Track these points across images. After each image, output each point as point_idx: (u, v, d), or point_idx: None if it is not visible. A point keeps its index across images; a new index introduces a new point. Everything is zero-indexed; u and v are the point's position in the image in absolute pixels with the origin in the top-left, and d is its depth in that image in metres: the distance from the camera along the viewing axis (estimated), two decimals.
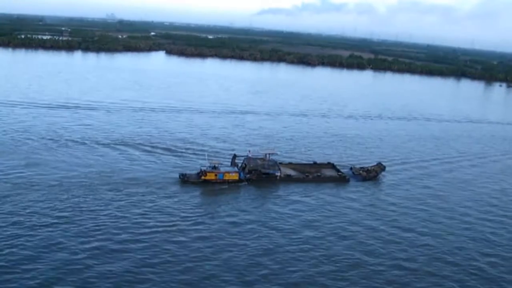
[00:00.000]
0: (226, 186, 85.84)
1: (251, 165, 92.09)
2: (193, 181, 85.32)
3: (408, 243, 68.83)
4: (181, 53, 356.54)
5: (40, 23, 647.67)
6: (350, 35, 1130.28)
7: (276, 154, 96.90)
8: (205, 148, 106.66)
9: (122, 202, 74.24)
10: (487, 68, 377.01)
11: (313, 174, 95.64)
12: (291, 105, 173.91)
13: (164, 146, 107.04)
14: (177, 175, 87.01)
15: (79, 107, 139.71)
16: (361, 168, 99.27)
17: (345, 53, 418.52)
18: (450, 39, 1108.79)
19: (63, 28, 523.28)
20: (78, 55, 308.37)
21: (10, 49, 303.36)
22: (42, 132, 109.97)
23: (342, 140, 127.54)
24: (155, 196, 78.04)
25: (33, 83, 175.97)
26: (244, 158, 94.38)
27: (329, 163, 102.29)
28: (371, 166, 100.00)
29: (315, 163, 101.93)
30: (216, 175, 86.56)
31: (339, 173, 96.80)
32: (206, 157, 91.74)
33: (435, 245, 68.74)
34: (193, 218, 71.05)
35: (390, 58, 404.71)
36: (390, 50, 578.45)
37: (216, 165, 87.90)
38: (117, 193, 77.55)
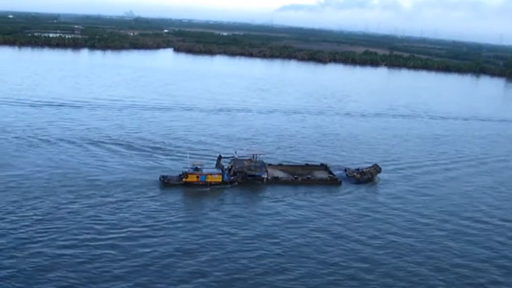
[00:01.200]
0: (208, 189, 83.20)
1: (236, 167, 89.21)
2: (174, 184, 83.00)
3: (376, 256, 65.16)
4: (189, 50, 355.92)
5: (55, 21, 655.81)
6: (373, 31, 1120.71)
7: (263, 155, 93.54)
8: (193, 148, 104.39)
9: (76, 205, 71.96)
10: (508, 65, 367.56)
11: (303, 176, 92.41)
12: (290, 103, 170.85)
13: (148, 145, 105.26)
14: (158, 177, 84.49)
15: (64, 105, 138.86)
16: (356, 170, 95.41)
17: (361, 50, 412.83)
18: (477, 35, 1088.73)
19: (76, 26, 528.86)
20: (83, 53, 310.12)
21: (16, 48, 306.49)
22: (19, 131, 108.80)
23: (340, 140, 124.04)
24: (129, 199, 75.33)
25: (26, 81, 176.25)
26: (231, 159, 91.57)
27: (322, 164, 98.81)
28: (367, 168, 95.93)
29: (307, 164, 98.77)
30: (198, 177, 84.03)
31: (330, 176, 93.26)
32: (188, 158, 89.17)
33: (419, 261, 64.09)
34: (162, 223, 68.42)
35: (406, 55, 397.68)
36: (411, 46, 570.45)
37: (198, 167, 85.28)
38: (76, 196, 75.22)
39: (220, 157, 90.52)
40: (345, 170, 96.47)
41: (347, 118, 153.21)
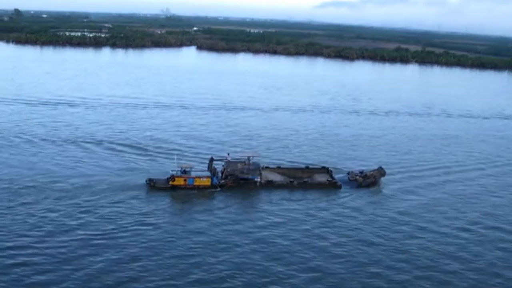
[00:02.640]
0: (195, 192, 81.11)
1: (228, 170, 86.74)
2: (161, 187, 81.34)
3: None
4: (212, 48, 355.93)
5: (85, 20, 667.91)
6: (415, 28, 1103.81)
7: (258, 157, 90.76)
8: (183, 149, 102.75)
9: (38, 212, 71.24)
10: None
11: (300, 180, 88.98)
12: (300, 101, 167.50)
13: (138, 145, 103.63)
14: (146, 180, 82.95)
15: (60, 103, 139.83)
16: (360, 173, 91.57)
17: (395, 47, 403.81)
18: None
19: (105, 25, 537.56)
20: (104, 51, 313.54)
21: (38, 47, 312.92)
22: (3, 131, 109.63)
23: (344, 140, 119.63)
24: (109, 204, 73.49)
25: (32, 79, 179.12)
26: (224, 162, 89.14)
27: (323, 167, 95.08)
28: (371, 171, 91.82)
29: (307, 167, 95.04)
30: (185, 180, 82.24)
31: (329, 179, 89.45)
32: (175, 160, 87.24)
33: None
34: (134, 227, 66.60)
35: (439, 51, 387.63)
36: (450, 42, 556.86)
37: (187, 169, 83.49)
38: (56, 198, 74.19)
39: (212, 159, 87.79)
40: (348, 173, 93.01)
41: (356, 116, 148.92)
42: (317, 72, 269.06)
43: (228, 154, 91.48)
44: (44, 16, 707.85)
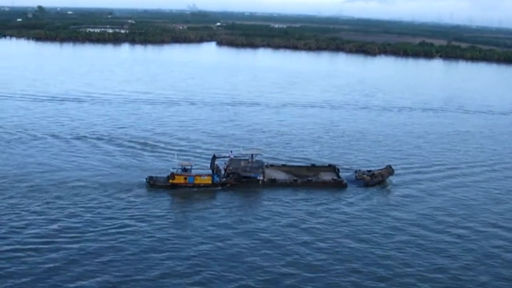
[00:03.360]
0: (195, 191, 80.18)
1: (230, 168, 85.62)
2: (161, 185, 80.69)
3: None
4: (231, 43, 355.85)
5: (109, 16, 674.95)
6: (446, 22, 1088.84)
7: (261, 155, 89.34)
8: (190, 145, 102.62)
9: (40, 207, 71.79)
10: None
11: (305, 178, 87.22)
12: (312, 96, 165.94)
13: (141, 141, 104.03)
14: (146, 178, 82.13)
15: (67, 100, 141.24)
16: (368, 171, 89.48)
17: (430, 42, 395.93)
18: None
19: (128, 21, 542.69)
20: (123, 47, 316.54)
21: (57, 43, 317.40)
22: (10, 126, 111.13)
23: (354, 137, 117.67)
24: (108, 202, 73.16)
25: (45, 75, 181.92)
26: (228, 159, 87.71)
27: (330, 165, 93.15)
28: (379, 170, 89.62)
29: (313, 165, 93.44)
30: (185, 178, 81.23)
31: (334, 178, 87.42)
32: (176, 158, 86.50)
33: None
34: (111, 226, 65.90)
35: (464, 45, 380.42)
36: (481, 37, 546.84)
37: (187, 167, 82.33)
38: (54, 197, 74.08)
39: (214, 157, 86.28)
40: (356, 171, 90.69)
41: (367, 112, 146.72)
42: (337, 67, 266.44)
43: (231, 151, 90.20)
44: (70, 13, 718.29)
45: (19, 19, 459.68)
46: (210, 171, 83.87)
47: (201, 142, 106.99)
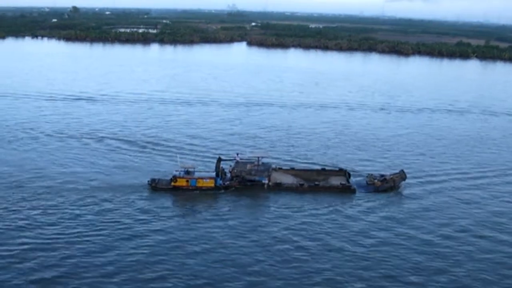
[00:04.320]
0: (198, 194, 79.46)
1: (235, 171, 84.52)
2: (163, 188, 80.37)
3: None
4: (261, 43, 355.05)
5: (146, 16, 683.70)
6: (493, 22, 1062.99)
7: (268, 157, 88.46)
8: (196, 147, 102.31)
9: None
10: None
11: (314, 182, 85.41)
12: (331, 97, 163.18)
13: (146, 142, 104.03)
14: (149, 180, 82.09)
15: (81, 99, 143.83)
16: (380, 176, 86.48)
17: (468, 42, 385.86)
18: None
19: (163, 21, 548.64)
20: (152, 47, 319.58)
21: (87, 44, 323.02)
22: (16, 126, 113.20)
23: (367, 140, 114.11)
24: (109, 204, 73.40)
25: (65, 76, 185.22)
26: (234, 162, 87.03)
27: (341, 169, 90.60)
28: (391, 175, 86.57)
29: (323, 169, 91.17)
30: (187, 181, 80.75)
31: (342, 183, 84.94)
32: (178, 160, 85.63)
33: None
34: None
35: (504, 45, 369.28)
36: None
37: (190, 170, 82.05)
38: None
39: (219, 159, 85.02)
40: (368, 176, 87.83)
41: (385, 114, 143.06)
42: (366, 67, 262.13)
43: (237, 154, 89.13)
44: (108, 13, 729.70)
45: (54, 20, 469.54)
46: (213, 174, 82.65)
47: (211, 141, 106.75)
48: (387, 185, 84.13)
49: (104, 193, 76.83)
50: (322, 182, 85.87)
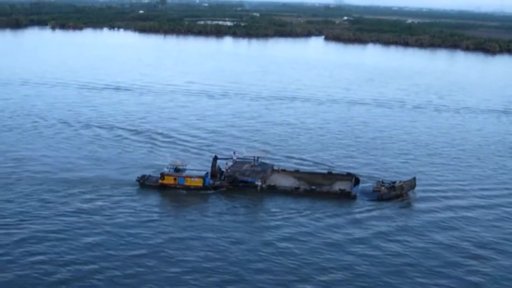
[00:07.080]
0: (184, 193, 78.07)
1: (229, 170, 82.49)
2: (151, 185, 79.40)
3: None
4: (338, 38, 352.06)
5: (239, 8, 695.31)
6: None
7: (265, 158, 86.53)
8: (200, 142, 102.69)
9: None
10: None
11: (312, 187, 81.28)
12: (370, 93, 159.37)
13: (154, 135, 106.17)
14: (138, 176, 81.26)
15: (108, 88, 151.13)
16: (390, 182, 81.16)
17: None
18: None
19: (254, 14, 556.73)
20: (225, 40, 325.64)
21: (160, 35, 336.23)
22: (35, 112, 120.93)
23: (388, 142, 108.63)
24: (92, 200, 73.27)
25: (112, 65, 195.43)
26: (233, 161, 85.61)
27: (348, 173, 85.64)
28: (401, 182, 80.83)
29: (329, 172, 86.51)
30: (175, 179, 78.72)
31: (341, 188, 79.85)
32: (168, 156, 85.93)
33: None
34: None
35: None
36: None
37: (180, 167, 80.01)
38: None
39: (216, 158, 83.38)
40: (377, 182, 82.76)
41: (418, 113, 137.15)
42: (439, 66, 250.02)
43: (234, 152, 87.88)
44: (205, 5, 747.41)
45: (141, 11, 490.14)
46: (202, 173, 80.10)
47: (214, 139, 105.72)
48: (393, 193, 78.55)
49: (90, 187, 77.15)
50: (325, 187, 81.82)
